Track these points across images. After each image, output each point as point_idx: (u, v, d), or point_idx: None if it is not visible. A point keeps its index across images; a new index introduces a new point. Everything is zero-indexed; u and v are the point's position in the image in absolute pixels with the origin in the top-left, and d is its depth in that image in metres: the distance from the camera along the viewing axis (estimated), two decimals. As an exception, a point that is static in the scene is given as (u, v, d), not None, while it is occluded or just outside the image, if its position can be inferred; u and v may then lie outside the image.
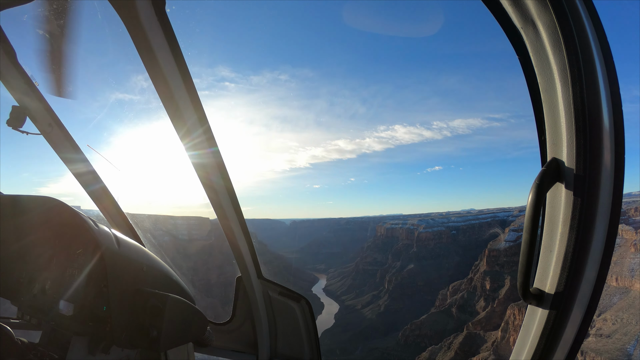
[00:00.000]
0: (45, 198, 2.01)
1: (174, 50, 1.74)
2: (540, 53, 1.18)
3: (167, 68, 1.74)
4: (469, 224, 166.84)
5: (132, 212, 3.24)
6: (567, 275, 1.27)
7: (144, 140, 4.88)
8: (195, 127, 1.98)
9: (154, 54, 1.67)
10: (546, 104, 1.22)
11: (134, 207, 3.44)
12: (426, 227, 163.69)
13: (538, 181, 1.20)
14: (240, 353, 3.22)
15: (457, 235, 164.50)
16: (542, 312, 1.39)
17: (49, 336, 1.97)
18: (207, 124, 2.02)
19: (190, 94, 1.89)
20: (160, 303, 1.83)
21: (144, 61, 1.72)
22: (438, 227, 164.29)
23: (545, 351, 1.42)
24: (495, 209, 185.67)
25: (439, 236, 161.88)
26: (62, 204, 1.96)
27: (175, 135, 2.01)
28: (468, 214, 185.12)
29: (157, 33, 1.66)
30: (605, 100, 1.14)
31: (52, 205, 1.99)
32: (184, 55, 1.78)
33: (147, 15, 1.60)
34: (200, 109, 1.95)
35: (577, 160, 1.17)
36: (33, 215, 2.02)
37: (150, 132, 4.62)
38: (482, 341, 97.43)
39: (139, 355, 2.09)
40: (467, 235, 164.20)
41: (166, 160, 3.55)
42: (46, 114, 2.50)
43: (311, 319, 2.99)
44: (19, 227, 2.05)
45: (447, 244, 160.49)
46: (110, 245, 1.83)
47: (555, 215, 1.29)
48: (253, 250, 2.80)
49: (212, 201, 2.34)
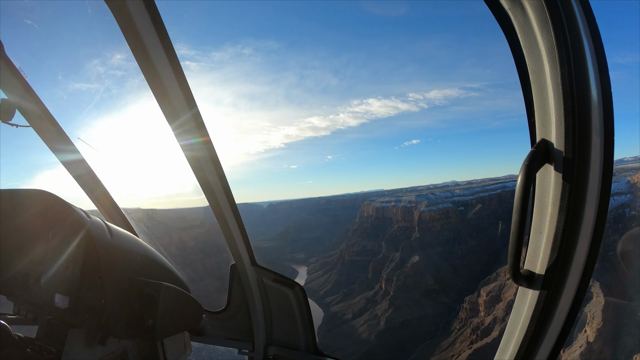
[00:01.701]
0: (37, 191, 2.00)
1: (161, 33, 1.67)
2: (528, 34, 1.18)
3: (155, 53, 1.68)
4: (478, 197, 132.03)
5: (126, 207, 3.21)
6: (557, 256, 1.28)
7: (135, 129, 4.68)
8: (185, 113, 1.93)
9: (142, 41, 1.61)
10: (535, 86, 1.22)
11: (125, 197, 3.36)
12: (429, 205, 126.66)
13: (527, 162, 1.20)
14: (237, 341, 3.26)
15: (466, 212, 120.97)
16: (533, 294, 1.40)
17: (45, 330, 1.98)
18: (196, 108, 1.96)
19: (177, 77, 1.82)
20: (155, 292, 1.84)
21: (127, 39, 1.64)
22: (443, 204, 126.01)
23: (536, 332, 1.43)
24: (489, 179, 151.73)
25: (445, 215, 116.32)
26: (54, 196, 1.96)
27: (166, 123, 1.97)
28: (470, 185, 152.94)
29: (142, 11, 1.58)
30: (593, 81, 1.14)
31: (44, 198, 1.98)
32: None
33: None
34: (188, 93, 1.89)
35: (566, 141, 1.17)
36: (25, 209, 1.99)
37: (140, 121, 4.49)
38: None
39: (136, 346, 2.12)
40: (478, 211, 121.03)
41: (157, 150, 3.47)
42: (35, 107, 2.48)
43: (305, 305, 3.04)
44: (11, 221, 2.02)
45: (457, 224, 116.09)
46: (103, 236, 1.85)
47: (545, 197, 1.29)
48: (246, 237, 2.82)
49: (204, 189, 2.33)
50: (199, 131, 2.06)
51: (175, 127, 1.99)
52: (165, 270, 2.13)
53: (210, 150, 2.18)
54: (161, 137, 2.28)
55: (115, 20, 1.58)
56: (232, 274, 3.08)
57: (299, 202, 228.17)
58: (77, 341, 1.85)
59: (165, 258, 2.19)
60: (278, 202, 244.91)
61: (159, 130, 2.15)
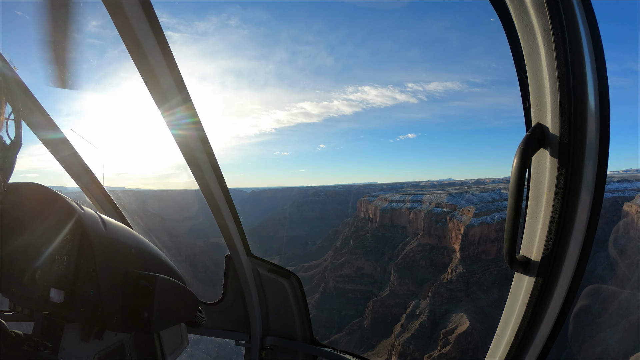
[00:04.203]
0: (29, 184, 1.98)
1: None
2: (523, 17, 1.16)
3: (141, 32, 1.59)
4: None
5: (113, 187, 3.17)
6: (554, 241, 1.27)
7: (127, 116, 4.86)
8: (173, 95, 1.86)
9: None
10: (530, 69, 1.21)
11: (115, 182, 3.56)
12: (481, 214, 73.19)
13: (523, 146, 1.19)
14: (233, 332, 3.26)
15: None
16: (529, 280, 1.39)
17: (42, 326, 1.95)
18: (186, 90, 1.89)
19: (165, 57, 1.73)
20: (150, 284, 1.84)
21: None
22: (495, 211, 76.24)
23: (532, 319, 1.42)
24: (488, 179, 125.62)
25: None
26: (46, 189, 1.95)
27: (156, 107, 1.91)
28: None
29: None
30: (589, 63, 1.13)
31: (36, 191, 1.97)
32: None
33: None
34: (177, 74, 1.81)
35: (561, 125, 1.16)
36: (17, 203, 1.96)
37: (131, 108, 4.31)
38: None
39: (133, 339, 2.12)
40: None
41: (149, 137, 3.12)
42: (26, 99, 2.44)
43: (301, 295, 3.04)
44: (4, 216, 1.98)
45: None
46: (97, 228, 1.84)
47: (541, 181, 1.28)
48: (241, 227, 2.80)
49: (196, 177, 2.30)
50: (190, 114, 2.00)
51: (164, 109, 1.91)
52: (160, 262, 2.13)
53: (201, 136, 2.12)
54: (153, 125, 2.22)
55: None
56: (227, 264, 3.08)
57: (284, 191, 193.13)
58: (73, 336, 1.85)
59: (160, 249, 2.19)
60: (261, 189, 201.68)
61: (151, 117, 2.07)
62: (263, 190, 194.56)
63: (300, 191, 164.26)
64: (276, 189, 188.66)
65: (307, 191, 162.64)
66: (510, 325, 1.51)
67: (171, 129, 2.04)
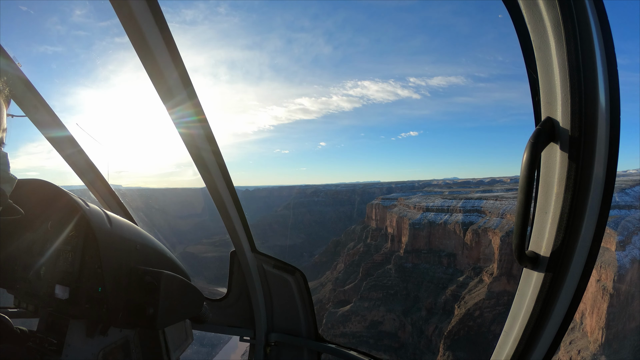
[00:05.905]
0: (35, 180, 1.98)
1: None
2: (533, 10, 1.15)
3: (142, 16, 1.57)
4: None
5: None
6: (563, 237, 1.26)
7: (128, 115, 4.85)
8: (179, 92, 1.86)
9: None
10: (540, 63, 1.20)
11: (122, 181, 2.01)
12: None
13: (533, 140, 1.18)
14: (238, 328, 3.26)
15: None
16: (538, 276, 1.38)
17: (46, 322, 1.97)
18: (191, 86, 1.88)
19: (171, 53, 1.72)
20: (155, 280, 1.84)
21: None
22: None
23: (541, 316, 1.41)
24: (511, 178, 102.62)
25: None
26: (52, 186, 1.95)
27: (157, 105, 1.90)
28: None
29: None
30: (599, 56, 1.12)
31: (42, 188, 1.97)
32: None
33: None
34: (183, 71, 1.80)
35: (572, 118, 1.15)
36: (23, 199, 1.92)
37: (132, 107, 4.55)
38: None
39: (137, 335, 2.12)
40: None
41: (149, 136, 3.54)
42: (31, 96, 2.44)
43: (306, 291, 3.03)
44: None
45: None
46: (102, 224, 1.83)
47: (550, 176, 1.27)
48: (246, 223, 2.80)
49: (201, 173, 2.31)
50: (196, 112, 1.99)
51: (170, 108, 1.90)
52: (165, 258, 2.14)
53: (207, 133, 2.11)
54: (159, 122, 2.22)
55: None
56: (232, 260, 3.08)
57: (280, 190, 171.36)
58: (78, 332, 1.85)
59: (165, 246, 2.20)
60: (254, 187, 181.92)
61: (157, 115, 2.06)
62: (257, 189, 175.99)
63: (299, 190, 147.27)
64: (272, 188, 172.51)
65: (305, 190, 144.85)
66: (519, 322, 1.50)
67: (177, 126, 2.03)
